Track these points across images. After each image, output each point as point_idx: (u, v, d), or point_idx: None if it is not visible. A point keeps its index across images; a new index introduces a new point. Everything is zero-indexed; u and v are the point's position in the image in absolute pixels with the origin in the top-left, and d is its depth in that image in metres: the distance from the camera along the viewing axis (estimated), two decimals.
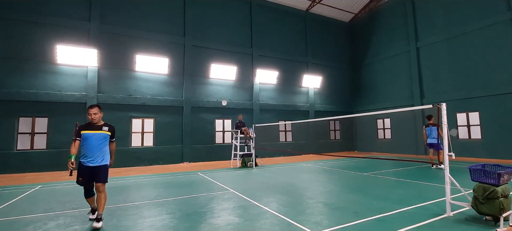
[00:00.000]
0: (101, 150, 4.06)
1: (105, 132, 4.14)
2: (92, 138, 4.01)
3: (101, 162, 4.05)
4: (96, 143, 4.01)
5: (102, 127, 4.14)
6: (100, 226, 3.85)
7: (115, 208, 5.02)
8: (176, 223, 4.08)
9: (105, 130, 4.15)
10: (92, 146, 3.99)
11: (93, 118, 4.06)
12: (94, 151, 3.99)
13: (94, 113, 4.08)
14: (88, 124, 4.11)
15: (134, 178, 8.69)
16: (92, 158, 3.98)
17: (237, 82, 15.37)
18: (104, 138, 4.11)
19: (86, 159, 4.00)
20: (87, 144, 3.99)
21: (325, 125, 18.23)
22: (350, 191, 6.17)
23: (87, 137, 4.00)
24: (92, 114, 4.06)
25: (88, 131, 4.03)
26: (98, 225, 3.84)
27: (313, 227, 3.68)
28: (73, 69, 11.63)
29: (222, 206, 5.02)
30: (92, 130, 4.06)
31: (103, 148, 4.09)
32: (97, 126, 4.11)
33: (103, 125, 4.17)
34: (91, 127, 4.08)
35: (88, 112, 4.08)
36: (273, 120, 15.81)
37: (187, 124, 13.70)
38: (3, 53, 10.53)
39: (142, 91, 12.90)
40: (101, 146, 4.06)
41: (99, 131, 4.08)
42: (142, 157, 12.58)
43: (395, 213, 4.27)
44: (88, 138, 4.00)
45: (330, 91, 18.84)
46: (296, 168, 10.65)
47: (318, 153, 15.29)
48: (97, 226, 3.83)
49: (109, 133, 4.20)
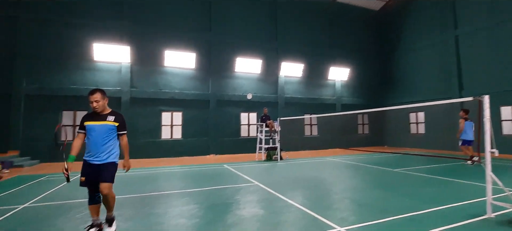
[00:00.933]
0: (106, 145, 3.34)
1: (110, 122, 3.36)
2: (94, 130, 3.30)
3: (107, 158, 3.35)
4: (100, 136, 3.30)
5: (107, 117, 3.38)
6: (113, 230, 3.44)
7: (147, 196, 5.33)
8: (203, 213, 4.24)
9: (111, 120, 3.36)
10: (95, 140, 3.29)
11: (95, 106, 3.31)
12: (97, 146, 3.30)
13: (96, 101, 3.30)
14: (92, 114, 3.39)
15: (164, 169, 9.13)
16: (96, 154, 3.31)
17: (262, 76, 15.37)
18: (109, 130, 3.36)
19: (90, 156, 3.34)
20: (90, 138, 3.32)
21: (352, 119, 17.64)
22: (378, 187, 5.96)
23: (89, 129, 3.32)
24: (93, 101, 3.30)
25: (91, 122, 3.33)
26: (111, 230, 3.42)
27: (339, 223, 3.63)
28: (108, 66, 12.40)
29: (247, 198, 5.12)
30: (96, 120, 3.33)
31: (108, 142, 3.36)
32: (101, 115, 3.37)
33: (108, 114, 3.40)
34: (95, 117, 3.35)
35: (88, 99, 3.33)
36: (298, 113, 15.62)
37: (213, 117, 14.04)
38: (49, 54, 11.52)
39: (171, 85, 13.42)
40: (105, 139, 3.33)
41: (103, 121, 3.34)
42: (171, 148, 13.17)
43: (427, 212, 4.06)
44: (91, 130, 3.31)
45: (358, 83, 18.15)
46: (322, 162, 10.48)
47: (344, 147, 14.88)
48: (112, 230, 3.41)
49: (116, 123, 3.40)
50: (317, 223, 3.70)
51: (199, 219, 3.92)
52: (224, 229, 3.53)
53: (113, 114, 3.42)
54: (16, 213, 4.31)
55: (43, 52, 11.46)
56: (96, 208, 3.39)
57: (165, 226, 3.67)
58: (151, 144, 12.91)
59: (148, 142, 12.87)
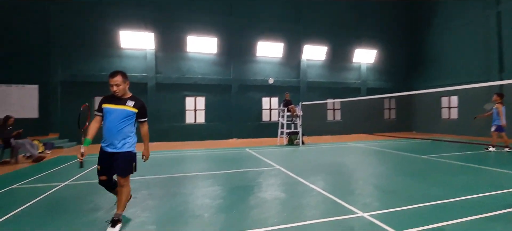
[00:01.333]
0: (122, 132, 3.02)
1: (129, 108, 3.04)
2: (111, 114, 3.00)
3: (122, 147, 3.04)
4: (116, 122, 2.98)
5: (126, 101, 3.07)
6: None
7: (174, 177, 5.58)
8: (226, 194, 4.38)
9: (130, 106, 3.05)
10: (111, 125, 2.99)
11: (115, 91, 2.99)
12: (112, 131, 2.99)
13: (116, 84, 2.98)
14: (111, 96, 3.07)
15: (189, 152, 9.47)
16: (111, 141, 3.02)
17: (283, 60, 15.13)
18: (127, 115, 3.04)
19: (105, 142, 3.07)
20: (106, 122, 3.03)
21: (378, 103, 16.94)
22: (404, 174, 5.77)
23: (106, 111, 3.02)
24: (114, 85, 2.98)
25: (109, 105, 3.03)
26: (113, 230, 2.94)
27: (362, 208, 3.59)
28: (134, 53, 12.85)
29: (268, 181, 5.20)
30: (114, 103, 3.03)
31: (124, 128, 3.04)
32: (121, 99, 3.07)
33: (128, 99, 3.09)
34: (114, 100, 3.05)
35: (109, 82, 3.01)
36: (320, 98, 15.30)
37: (235, 102, 14.18)
38: (80, 43, 12.16)
39: (193, 71, 13.67)
40: (122, 125, 3.02)
41: (122, 105, 3.03)
42: (195, 132, 13.59)
43: (457, 201, 3.88)
44: (108, 113, 3.02)
45: (385, 66, 17.27)
46: (345, 147, 10.29)
47: (369, 133, 14.44)
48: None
49: (136, 109, 3.09)
50: (339, 208, 3.68)
51: (223, 200, 4.06)
52: (246, 210, 3.63)
53: (133, 99, 3.11)
54: (59, 190, 4.73)
55: (75, 42, 12.09)
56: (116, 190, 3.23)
57: (191, 206, 3.85)
58: (176, 128, 13.40)
59: (173, 126, 13.36)
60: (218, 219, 3.33)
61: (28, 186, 5.00)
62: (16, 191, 4.70)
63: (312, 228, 3.03)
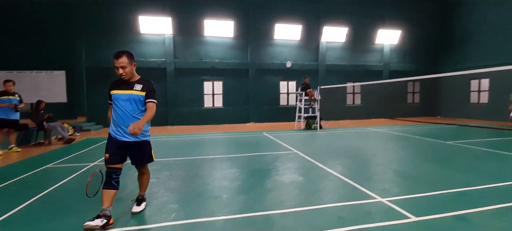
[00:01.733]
0: (135, 119, 2.73)
1: (137, 92, 2.76)
2: (121, 101, 2.74)
3: (140, 136, 2.81)
4: (127, 108, 2.74)
5: (134, 85, 2.78)
6: (140, 210, 3.03)
7: (194, 160, 5.77)
8: (244, 177, 4.48)
9: (138, 89, 2.77)
10: (123, 113, 2.73)
11: (122, 74, 2.70)
12: (125, 119, 2.73)
13: (122, 67, 2.68)
14: (119, 81, 2.80)
15: (207, 135, 9.69)
16: (125, 129, 2.74)
17: (301, 42, 14.78)
18: (137, 101, 2.77)
19: (117, 130, 2.78)
20: (116, 109, 2.76)
21: (402, 87, 16.25)
22: (427, 160, 5.59)
23: (115, 98, 2.77)
24: (119, 67, 2.68)
25: (117, 91, 2.77)
26: (137, 209, 3.01)
27: (381, 194, 3.55)
28: (153, 38, 13.05)
29: (285, 165, 5.24)
30: (122, 89, 2.76)
31: (138, 115, 2.78)
32: (128, 83, 2.78)
33: (136, 82, 2.80)
34: (121, 85, 2.77)
35: (114, 64, 2.71)
36: (340, 81, 14.90)
37: (253, 86, 14.17)
38: (102, 30, 12.50)
39: (211, 55, 13.72)
40: (135, 112, 2.76)
41: (129, 90, 2.75)
42: (213, 116, 13.83)
43: (483, 188, 3.73)
44: (117, 99, 2.76)
45: (410, 47, 16.37)
46: (365, 132, 10.08)
47: (391, 117, 13.98)
48: (136, 210, 3.00)
49: (143, 92, 2.79)
50: (357, 192, 3.66)
51: (241, 182, 4.17)
52: (264, 192, 3.71)
53: (141, 82, 2.81)
54: (88, 170, 5.06)
55: (97, 29, 12.45)
56: (111, 195, 2.72)
57: (210, 187, 3.99)
58: (194, 112, 13.70)
59: (192, 110, 13.66)
60: (237, 200, 3.43)
61: (61, 166, 5.39)
62: (51, 170, 5.08)
63: (329, 212, 3.05)
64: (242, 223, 2.81)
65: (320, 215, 2.98)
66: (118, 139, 2.77)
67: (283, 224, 2.78)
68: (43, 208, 3.27)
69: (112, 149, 2.76)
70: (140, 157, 2.95)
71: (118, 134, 2.78)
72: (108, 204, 2.68)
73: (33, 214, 3.10)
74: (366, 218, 2.86)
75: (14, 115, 6.70)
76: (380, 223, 2.72)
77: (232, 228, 2.70)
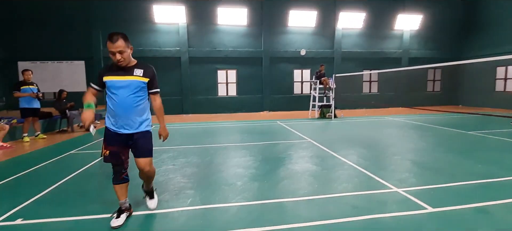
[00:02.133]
0: (138, 108, 2.47)
1: (138, 77, 2.43)
2: (120, 89, 2.39)
3: (140, 126, 2.51)
4: (128, 97, 2.41)
5: (133, 70, 2.43)
6: (155, 205, 2.85)
7: (208, 147, 5.88)
8: (258, 164, 4.53)
9: (139, 75, 2.44)
10: (123, 102, 2.40)
11: (119, 60, 2.33)
12: (126, 109, 2.42)
13: (119, 52, 2.32)
14: (112, 66, 2.43)
15: (221, 124, 9.81)
16: (125, 121, 2.44)
17: (316, 29, 14.43)
18: (139, 88, 2.45)
19: (115, 122, 2.46)
20: (114, 99, 2.40)
21: (421, 75, 15.64)
22: (446, 150, 5.41)
23: (112, 86, 2.40)
24: (116, 53, 2.31)
25: (113, 77, 2.40)
26: (152, 204, 2.82)
27: (397, 184, 3.49)
28: (167, 27, 13.15)
29: (299, 154, 5.24)
30: (120, 75, 2.40)
31: (141, 104, 2.49)
32: (126, 68, 2.42)
33: (134, 67, 2.46)
34: (118, 71, 2.40)
35: (107, 46, 2.34)
36: (356, 69, 14.53)
37: (266, 74, 14.09)
38: (118, 19, 12.72)
39: (224, 44, 13.70)
40: (137, 100, 2.45)
41: (129, 76, 2.41)
42: (227, 105, 13.93)
43: (505, 180, 3.58)
44: (114, 88, 2.40)
45: (432, 33, 15.61)
46: (381, 121, 9.85)
47: (409, 106, 13.52)
48: (152, 206, 2.82)
49: (146, 78, 2.48)
50: (372, 182, 3.62)
51: (255, 170, 4.22)
52: (278, 180, 3.75)
53: (140, 67, 2.48)
54: None
55: (113, 19, 12.68)
56: (123, 188, 2.62)
57: (225, 174, 4.07)
58: (208, 101, 13.85)
59: (206, 98, 13.81)
60: (251, 188, 3.49)
61: (84, 152, 5.65)
62: (74, 156, 5.35)
63: (342, 201, 3.05)
64: (255, 209, 2.87)
65: (333, 203, 2.99)
66: (118, 132, 2.47)
67: (296, 211, 2.81)
68: (69, 191, 3.47)
69: (111, 144, 2.49)
70: (147, 146, 2.56)
71: (118, 127, 2.46)
72: (124, 197, 2.62)
73: (61, 196, 3.29)
74: (380, 207, 2.84)
75: (36, 103, 6.98)
76: (395, 213, 2.70)
77: (246, 214, 2.76)
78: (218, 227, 2.49)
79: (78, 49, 12.60)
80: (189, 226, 2.52)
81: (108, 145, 2.51)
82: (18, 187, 3.62)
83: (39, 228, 2.54)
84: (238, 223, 2.56)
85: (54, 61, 12.67)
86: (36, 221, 2.65)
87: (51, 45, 12.44)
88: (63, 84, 11.51)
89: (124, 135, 2.48)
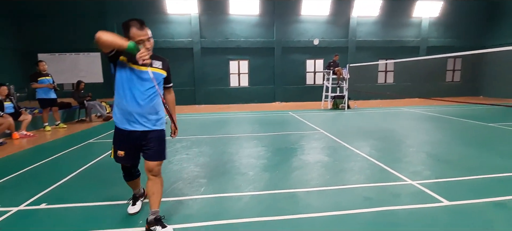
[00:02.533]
0: (155, 103, 2.18)
1: (158, 70, 2.19)
2: (140, 79, 2.09)
3: (156, 123, 2.23)
4: (146, 89, 2.11)
5: (151, 62, 2.14)
6: None
7: (220, 137, 5.96)
8: (270, 155, 4.56)
9: (158, 67, 2.20)
10: (140, 93, 2.09)
11: (149, 49, 2.03)
12: (143, 102, 2.10)
13: (148, 39, 2.08)
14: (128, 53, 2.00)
15: (233, 114, 9.87)
16: (140, 115, 2.13)
17: (330, 18, 14.07)
18: (159, 80, 2.21)
19: (129, 118, 2.14)
20: (130, 88, 2.08)
21: (440, 64, 15.04)
22: (465, 143, 5.24)
23: (133, 77, 2.08)
24: (146, 40, 2.05)
25: (135, 65, 2.07)
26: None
27: (411, 176, 3.43)
28: (180, 18, 13.20)
29: (311, 144, 5.22)
30: (139, 64, 2.02)
31: (157, 98, 2.19)
32: None
33: (151, 58, 2.13)
34: (136, 59, 1.99)
35: (133, 34, 2.04)
36: (371, 58, 14.14)
37: (278, 64, 13.97)
38: (131, 10, 12.86)
39: (236, 34, 13.63)
40: (155, 94, 2.17)
41: (150, 68, 2.12)
42: (239, 96, 13.98)
43: None
44: (135, 79, 2.09)
45: (452, 20, 14.87)
46: (397, 113, 9.62)
47: (426, 97, 13.08)
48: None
49: (164, 72, 2.26)
50: (385, 174, 3.57)
51: (267, 160, 4.25)
52: (289, 171, 3.76)
53: (158, 59, 2.23)
54: None
55: (126, 10, 12.81)
56: (137, 183, 2.57)
57: (237, 164, 4.13)
58: (221, 92, 13.93)
59: (218, 89, 13.89)
60: (262, 177, 3.52)
61: (102, 141, 5.87)
62: (93, 145, 5.56)
63: (355, 192, 3.03)
64: (267, 199, 2.90)
65: (345, 194, 2.98)
66: (131, 129, 2.15)
67: (307, 202, 2.82)
68: (89, 177, 3.63)
69: (125, 145, 2.21)
70: (161, 147, 2.25)
71: (130, 123, 2.14)
72: (138, 188, 2.65)
73: (82, 182, 3.46)
74: (394, 199, 2.81)
75: (53, 94, 7.16)
76: (409, 206, 2.66)
77: (257, 203, 2.81)
78: (230, 215, 2.55)
79: (94, 40, 12.90)
80: (202, 214, 2.60)
81: (119, 144, 2.24)
82: (42, 174, 3.82)
83: (62, 212, 2.69)
84: (250, 212, 2.61)
85: (71, 53, 13.06)
86: (59, 206, 2.80)
87: (69, 37, 12.79)
88: (81, 76, 11.89)
89: (137, 133, 2.16)
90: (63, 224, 2.45)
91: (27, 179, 3.60)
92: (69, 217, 2.59)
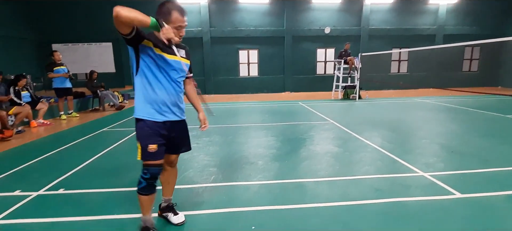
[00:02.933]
0: (181, 93, 2.08)
1: (183, 59, 2.04)
2: (173, 70, 1.96)
3: (183, 113, 2.15)
4: (178, 79, 2.01)
5: (177, 50, 1.97)
6: (183, 219, 2.28)
7: (230, 127, 6.00)
8: (279, 145, 4.57)
9: (183, 56, 2.06)
10: (174, 83, 1.97)
11: (182, 36, 1.92)
12: (176, 92, 1.99)
13: (185, 25, 1.93)
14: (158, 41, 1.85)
15: (243, 104, 9.89)
16: (173, 104, 1.99)
17: (342, 5, 13.69)
18: (186, 70, 2.09)
19: (163, 108, 1.94)
20: (166, 78, 1.94)
21: (457, 53, 14.47)
22: (481, 135, 5.08)
23: (167, 64, 1.92)
24: (183, 28, 1.91)
25: (165, 54, 1.90)
26: (180, 220, 2.27)
27: (423, 168, 3.37)
28: (189, 7, 13.11)
29: (321, 135, 5.19)
30: (170, 53, 1.93)
31: (182, 87, 2.12)
32: (170, 47, 1.90)
33: (175, 46, 1.96)
34: (166, 48, 1.90)
35: (173, 19, 1.85)
36: (384, 48, 13.73)
37: (288, 54, 13.80)
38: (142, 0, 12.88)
39: (245, 23, 13.49)
40: (181, 82, 2.08)
41: (176, 56, 1.97)
42: (248, 85, 13.95)
43: None
44: (168, 67, 1.93)
45: (472, 7, 14.19)
46: (410, 103, 9.39)
47: (442, 87, 12.68)
48: (179, 221, 2.26)
49: (188, 61, 2.11)
50: (396, 165, 3.53)
51: (276, 150, 4.27)
52: (298, 161, 3.77)
53: (181, 47, 2.08)
54: None
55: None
56: (152, 202, 2.06)
57: (246, 153, 4.16)
58: (230, 81, 13.93)
59: (228, 79, 13.89)
60: (272, 167, 3.55)
61: (115, 130, 6.02)
62: (107, 133, 5.71)
63: (365, 183, 3.02)
64: (276, 188, 2.93)
65: (355, 185, 2.97)
66: (165, 120, 1.95)
67: (316, 192, 2.83)
68: (104, 164, 3.75)
69: (156, 138, 1.92)
70: (188, 139, 2.25)
71: (164, 112, 1.95)
72: (150, 210, 2.09)
73: (98, 169, 3.57)
74: (405, 191, 2.78)
75: (68, 83, 7.34)
76: (421, 198, 2.63)
77: (267, 192, 2.84)
78: (240, 204, 2.59)
79: (106, 31, 13.04)
80: (212, 201, 2.65)
81: (153, 139, 1.91)
82: (59, 161, 3.96)
83: (79, 197, 2.80)
84: (259, 201, 2.64)
85: (84, 43, 13.29)
86: (76, 191, 2.91)
87: (81, 28, 12.99)
88: (93, 66, 12.12)
89: (168, 124, 1.97)
90: (81, 208, 2.56)
91: (45, 166, 3.75)
92: (87, 202, 2.70)
